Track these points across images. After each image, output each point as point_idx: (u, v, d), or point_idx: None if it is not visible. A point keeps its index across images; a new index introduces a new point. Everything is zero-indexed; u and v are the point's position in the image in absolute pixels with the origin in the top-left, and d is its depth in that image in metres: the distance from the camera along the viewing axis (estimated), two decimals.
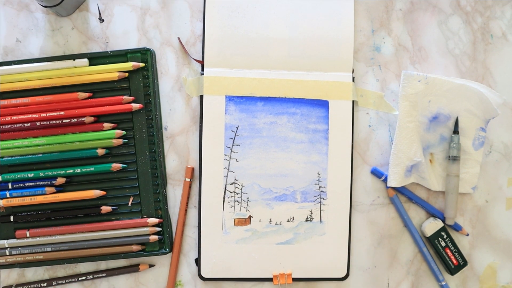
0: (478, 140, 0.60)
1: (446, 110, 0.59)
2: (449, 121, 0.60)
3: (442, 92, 0.59)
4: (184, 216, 0.59)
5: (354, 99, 0.59)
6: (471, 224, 0.62)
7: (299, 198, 0.59)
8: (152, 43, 0.59)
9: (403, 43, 0.61)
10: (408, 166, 0.58)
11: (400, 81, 0.59)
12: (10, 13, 0.59)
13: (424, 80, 0.58)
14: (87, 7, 0.59)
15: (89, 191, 0.57)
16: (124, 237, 0.58)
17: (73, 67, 0.57)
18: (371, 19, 0.61)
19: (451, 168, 0.59)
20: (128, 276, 0.59)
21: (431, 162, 0.60)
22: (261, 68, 0.58)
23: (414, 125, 0.58)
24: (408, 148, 0.58)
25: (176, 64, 0.60)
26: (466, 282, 0.62)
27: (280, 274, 0.59)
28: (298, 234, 0.59)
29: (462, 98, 0.59)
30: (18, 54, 0.59)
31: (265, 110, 0.58)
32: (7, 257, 0.57)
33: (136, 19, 0.59)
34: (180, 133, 0.59)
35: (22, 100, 0.57)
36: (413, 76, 0.58)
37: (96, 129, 0.57)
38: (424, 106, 0.59)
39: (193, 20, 0.60)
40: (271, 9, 0.59)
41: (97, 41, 0.59)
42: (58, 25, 0.59)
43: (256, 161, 0.58)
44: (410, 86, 0.58)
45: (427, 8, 0.61)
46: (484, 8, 0.61)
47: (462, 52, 0.61)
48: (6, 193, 0.57)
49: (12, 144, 0.57)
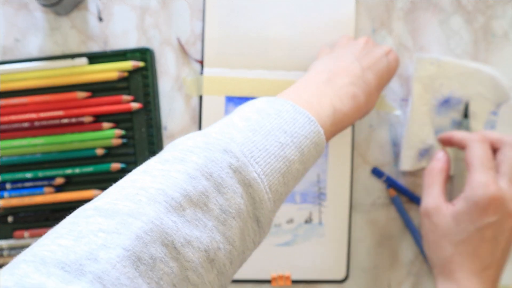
0: (489, 124, 0.60)
1: (457, 93, 0.59)
2: (460, 104, 0.60)
3: (454, 75, 0.59)
4: None
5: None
6: None
7: (298, 199, 0.58)
8: (152, 43, 0.59)
9: (404, 42, 0.61)
10: (421, 149, 0.58)
11: (414, 65, 0.59)
12: (9, 12, 0.59)
13: (436, 63, 0.58)
14: (86, 6, 0.59)
15: (88, 191, 0.57)
16: None
17: (72, 67, 0.57)
18: (371, 19, 0.60)
19: (460, 152, 0.59)
20: None
21: (442, 147, 0.60)
22: (261, 68, 0.58)
23: (427, 108, 0.59)
24: (421, 131, 0.58)
25: (175, 64, 0.59)
26: None
27: (279, 276, 0.58)
28: (297, 235, 0.59)
29: (475, 82, 0.59)
30: (17, 54, 0.59)
31: None
32: (5, 258, 0.57)
33: (135, 19, 0.59)
34: (180, 133, 0.59)
35: (20, 100, 0.57)
36: (425, 59, 0.58)
37: (95, 129, 0.57)
38: (436, 89, 0.59)
39: (193, 19, 0.59)
40: (271, 9, 0.58)
41: (96, 40, 0.59)
42: (57, 24, 0.59)
43: None
44: (423, 69, 0.58)
45: (428, 8, 0.61)
46: (485, 7, 0.61)
47: (464, 51, 0.61)
48: (5, 193, 0.57)
49: (11, 144, 0.57)
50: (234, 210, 0.34)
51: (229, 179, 0.34)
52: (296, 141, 0.38)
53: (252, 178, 0.35)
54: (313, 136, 0.39)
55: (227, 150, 0.35)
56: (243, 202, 0.34)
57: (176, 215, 0.31)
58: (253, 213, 0.35)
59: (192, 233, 0.32)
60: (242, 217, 0.34)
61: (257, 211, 0.36)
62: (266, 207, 0.36)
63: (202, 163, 0.34)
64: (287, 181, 0.38)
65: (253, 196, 0.35)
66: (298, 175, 0.39)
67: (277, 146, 0.37)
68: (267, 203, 0.36)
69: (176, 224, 0.31)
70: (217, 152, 0.35)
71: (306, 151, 0.39)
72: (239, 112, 0.39)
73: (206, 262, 0.32)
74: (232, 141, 0.36)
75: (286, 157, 0.37)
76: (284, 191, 0.38)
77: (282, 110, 0.39)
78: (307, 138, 0.39)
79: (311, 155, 0.40)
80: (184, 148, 0.35)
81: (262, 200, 0.35)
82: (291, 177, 0.38)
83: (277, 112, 0.39)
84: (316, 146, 0.40)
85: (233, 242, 0.34)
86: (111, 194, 0.32)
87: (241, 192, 0.35)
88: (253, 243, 0.37)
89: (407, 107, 0.60)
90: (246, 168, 0.35)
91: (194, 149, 0.35)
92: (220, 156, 0.34)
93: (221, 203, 0.33)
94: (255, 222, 0.36)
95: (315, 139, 0.40)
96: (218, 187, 0.34)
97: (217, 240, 0.33)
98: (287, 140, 0.38)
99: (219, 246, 0.33)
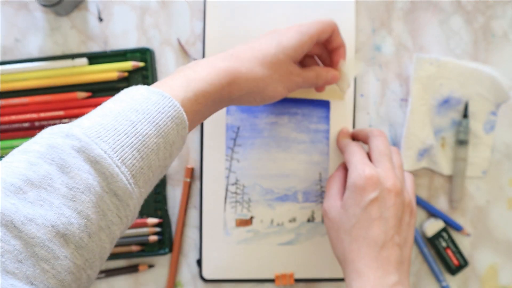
0: (489, 124, 0.60)
1: (457, 93, 0.60)
2: (460, 105, 0.60)
3: (453, 75, 0.59)
4: (183, 217, 0.59)
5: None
6: (472, 225, 0.61)
7: (301, 198, 0.59)
8: (152, 43, 0.59)
9: (403, 42, 0.61)
10: (421, 149, 0.58)
11: (413, 65, 0.59)
12: (9, 12, 0.59)
13: (436, 63, 0.58)
14: (86, 7, 0.59)
15: None
16: (123, 237, 0.57)
17: (72, 67, 0.57)
18: (371, 19, 0.61)
19: (458, 151, 0.59)
20: (127, 277, 0.59)
21: (442, 146, 0.60)
22: None
23: (426, 108, 0.59)
24: (420, 131, 0.58)
25: (175, 64, 0.59)
26: (467, 283, 0.62)
27: (282, 275, 0.59)
28: (300, 234, 0.59)
29: (474, 82, 0.59)
30: (17, 54, 0.59)
31: (266, 110, 0.58)
32: None
33: (135, 19, 0.59)
34: None
35: (21, 100, 0.57)
36: (425, 59, 0.58)
37: None
38: (436, 89, 0.59)
39: (193, 19, 0.59)
40: (272, 9, 0.58)
41: (97, 40, 0.59)
42: (57, 24, 0.59)
43: (258, 162, 0.58)
44: (422, 69, 0.58)
45: (428, 8, 0.61)
46: (485, 7, 0.61)
47: (463, 51, 0.61)
48: None
49: (11, 144, 0.57)
50: (82, 185, 0.35)
51: (71, 159, 0.36)
52: (149, 117, 0.40)
53: (97, 155, 0.36)
54: (168, 110, 0.41)
55: (68, 134, 0.36)
56: (91, 178, 0.36)
57: (16, 198, 0.33)
58: (108, 188, 0.37)
59: (35, 212, 0.33)
60: (93, 192, 0.36)
61: (111, 185, 0.37)
62: (122, 180, 0.37)
63: (44, 151, 0.36)
64: (145, 155, 0.39)
65: (103, 172, 0.36)
66: (159, 149, 0.40)
67: (127, 124, 0.38)
68: (121, 177, 0.37)
69: (16, 205, 0.33)
70: (59, 138, 0.36)
71: (163, 125, 0.40)
72: (100, 106, 0.41)
73: (57, 237, 0.34)
74: (77, 127, 0.37)
75: (139, 132, 0.39)
76: (144, 165, 0.39)
77: (136, 94, 0.41)
78: (161, 113, 0.40)
79: (171, 128, 0.41)
80: (30, 141, 0.37)
81: (113, 174, 0.37)
82: (149, 150, 0.39)
83: (131, 96, 0.41)
84: (174, 119, 0.41)
85: (87, 216, 0.35)
86: None
87: (88, 168, 0.36)
88: (118, 217, 0.38)
89: (406, 107, 0.60)
90: (89, 146, 0.36)
91: (37, 140, 0.37)
92: (61, 141, 0.36)
93: (66, 182, 0.35)
94: (114, 196, 0.37)
95: (170, 112, 0.41)
96: (61, 168, 0.35)
97: (67, 215, 0.34)
98: (139, 118, 0.39)
99: (71, 221, 0.34)
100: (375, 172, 0.48)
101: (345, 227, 0.49)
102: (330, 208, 0.51)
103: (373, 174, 0.48)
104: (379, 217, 0.47)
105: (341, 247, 0.49)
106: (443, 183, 0.61)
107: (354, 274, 0.47)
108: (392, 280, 0.46)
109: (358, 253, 0.47)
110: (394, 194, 0.48)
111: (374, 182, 0.48)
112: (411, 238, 0.50)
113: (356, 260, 0.47)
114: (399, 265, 0.47)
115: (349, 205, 0.49)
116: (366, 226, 0.47)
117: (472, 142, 0.60)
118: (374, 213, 0.47)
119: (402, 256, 0.48)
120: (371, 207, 0.48)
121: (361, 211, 0.48)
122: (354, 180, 0.49)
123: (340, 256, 0.49)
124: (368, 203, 0.48)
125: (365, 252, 0.47)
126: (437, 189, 0.61)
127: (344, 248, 0.48)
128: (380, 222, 0.47)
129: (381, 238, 0.47)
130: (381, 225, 0.47)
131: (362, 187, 0.48)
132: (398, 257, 0.47)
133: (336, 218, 0.50)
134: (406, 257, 0.49)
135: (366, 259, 0.47)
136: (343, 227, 0.49)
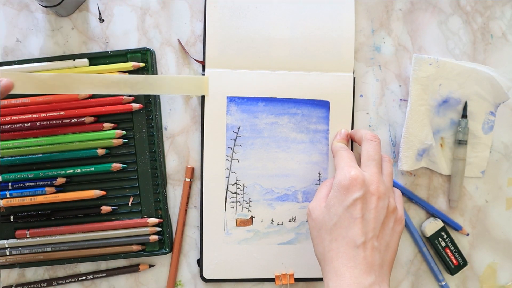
0: (487, 124, 0.61)
1: (456, 94, 0.60)
2: (459, 105, 0.60)
3: (452, 75, 0.59)
4: (184, 216, 0.59)
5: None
6: (471, 224, 0.62)
7: (301, 198, 0.59)
8: (152, 43, 0.59)
9: (403, 43, 0.61)
10: (420, 149, 0.59)
11: (412, 65, 0.59)
12: (10, 13, 0.59)
13: (435, 63, 0.58)
14: (87, 7, 0.59)
15: (89, 191, 0.57)
16: (124, 237, 0.58)
17: (73, 67, 0.57)
18: (371, 19, 0.61)
19: (457, 151, 0.60)
20: (128, 276, 0.59)
21: (441, 147, 0.60)
22: (262, 69, 0.58)
23: (425, 109, 0.59)
24: (420, 132, 0.58)
25: (176, 64, 0.59)
26: (466, 282, 0.62)
27: (282, 275, 0.59)
28: (300, 234, 0.59)
29: (473, 82, 0.60)
30: (18, 54, 0.59)
31: (266, 110, 0.58)
32: (7, 257, 0.57)
33: (136, 19, 0.59)
34: (180, 133, 0.59)
35: (22, 100, 0.57)
36: (424, 59, 0.58)
37: (96, 129, 0.57)
38: (435, 89, 0.59)
39: (193, 20, 0.60)
40: (272, 10, 0.59)
41: (97, 41, 0.59)
42: (58, 25, 0.59)
43: (258, 162, 0.58)
44: (421, 69, 0.58)
45: (427, 8, 0.61)
46: (484, 8, 0.61)
47: (462, 52, 0.61)
48: (6, 193, 0.57)
49: (12, 144, 0.57)
50: None
51: None
52: None
53: None
54: None
55: None
56: None
57: None
58: None
59: None
60: None
61: None
62: None
63: None
64: None
65: None
66: None
67: None
68: None
69: None
70: None
71: None
72: None
73: None
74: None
75: None
76: None
77: None
78: None
79: None
80: None
81: None
82: None
83: None
84: None
85: None
86: None
87: None
88: None
89: (406, 107, 0.60)
90: None
91: None
92: None
93: None
94: None
95: None
96: None
97: None
98: None
99: None
100: (361, 174, 0.49)
101: (326, 226, 0.49)
102: (314, 208, 0.52)
103: (359, 176, 0.49)
104: (361, 217, 0.48)
105: (321, 246, 0.50)
106: (442, 183, 0.62)
107: (331, 273, 0.47)
108: (368, 280, 0.46)
109: (337, 252, 0.48)
110: (377, 198, 0.49)
111: (359, 183, 0.49)
112: (394, 244, 0.50)
113: (335, 259, 0.48)
114: (379, 267, 0.48)
115: (332, 204, 0.49)
116: (347, 225, 0.48)
117: (471, 142, 0.61)
118: (356, 213, 0.48)
119: (382, 259, 0.48)
120: (354, 206, 0.48)
121: (343, 210, 0.48)
122: (339, 180, 0.50)
123: (319, 256, 0.50)
124: (351, 203, 0.48)
125: (343, 251, 0.47)
126: (436, 189, 0.61)
127: (324, 247, 0.49)
128: (361, 222, 0.48)
129: (360, 238, 0.47)
130: (362, 226, 0.48)
131: (346, 186, 0.49)
132: (377, 259, 0.48)
133: (319, 218, 0.51)
134: (387, 261, 0.49)
135: (344, 258, 0.47)
136: (324, 226, 0.50)
